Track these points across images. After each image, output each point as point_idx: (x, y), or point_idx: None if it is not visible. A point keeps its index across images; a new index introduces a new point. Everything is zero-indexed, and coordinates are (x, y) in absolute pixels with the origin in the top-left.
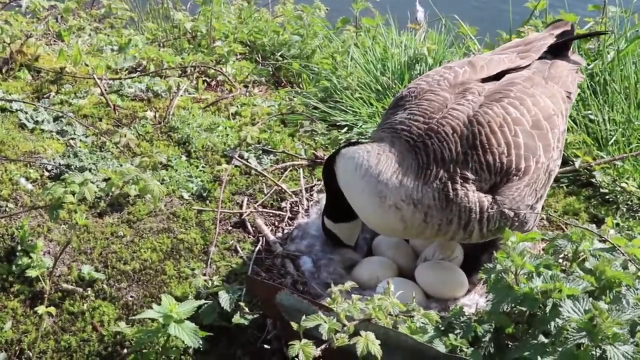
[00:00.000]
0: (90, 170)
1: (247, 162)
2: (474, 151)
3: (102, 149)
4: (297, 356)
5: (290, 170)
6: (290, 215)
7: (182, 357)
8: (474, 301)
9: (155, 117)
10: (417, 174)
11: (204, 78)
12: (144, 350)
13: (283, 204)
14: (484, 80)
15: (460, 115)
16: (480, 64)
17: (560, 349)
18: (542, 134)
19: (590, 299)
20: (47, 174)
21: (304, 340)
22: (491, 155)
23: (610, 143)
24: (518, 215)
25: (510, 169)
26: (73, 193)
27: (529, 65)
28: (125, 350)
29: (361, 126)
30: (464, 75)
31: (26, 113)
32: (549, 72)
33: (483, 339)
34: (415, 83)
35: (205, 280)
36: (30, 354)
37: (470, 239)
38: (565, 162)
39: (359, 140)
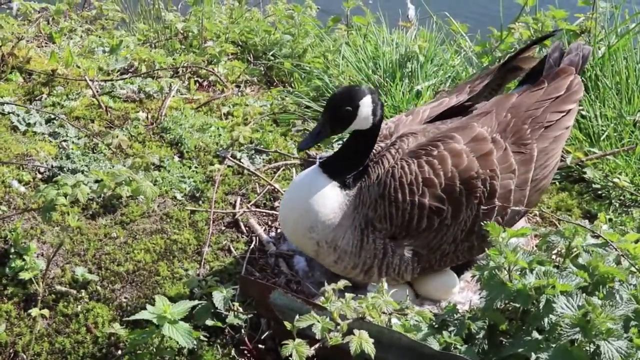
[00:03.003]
0: (82, 172)
1: (240, 162)
2: (381, 200)
3: (95, 151)
4: (290, 356)
5: (283, 170)
6: None
7: (177, 357)
8: (468, 298)
9: (147, 118)
10: (350, 219)
11: (195, 78)
12: (139, 352)
13: (276, 204)
14: (439, 117)
15: (385, 164)
16: (421, 111)
17: (554, 345)
18: (454, 198)
19: (584, 294)
20: (39, 176)
21: (297, 340)
22: (395, 208)
23: (602, 139)
24: (419, 262)
25: (411, 225)
26: (65, 195)
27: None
28: (119, 352)
29: None
30: (404, 124)
31: (18, 115)
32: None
33: (477, 336)
34: None
35: (199, 281)
36: (25, 357)
37: (370, 280)
38: None
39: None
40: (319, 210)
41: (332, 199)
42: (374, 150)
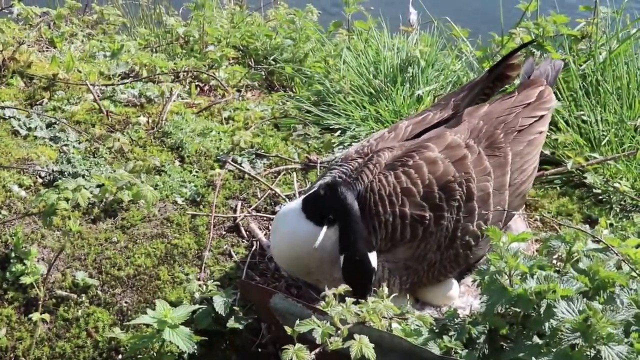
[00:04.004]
0: (83, 177)
1: (241, 166)
2: (362, 215)
3: (96, 155)
4: None
5: (284, 174)
6: None
7: None
8: (468, 303)
9: (148, 122)
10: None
11: (196, 83)
12: (139, 356)
13: (277, 208)
14: (420, 135)
15: (365, 179)
16: (404, 126)
17: (554, 350)
18: (434, 204)
19: (584, 299)
20: (40, 180)
21: (297, 345)
22: (377, 221)
23: (603, 143)
24: (408, 276)
25: (395, 235)
26: (66, 199)
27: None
28: (120, 356)
29: (354, 129)
30: (384, 141)
31: (19, 120)
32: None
33: (477, 341)
34: (355, 147)
35: (200, 285)
36: None
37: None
38: (557, 163)
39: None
40: (314, 255)
41: (324, 243)
42: (351, 167)
